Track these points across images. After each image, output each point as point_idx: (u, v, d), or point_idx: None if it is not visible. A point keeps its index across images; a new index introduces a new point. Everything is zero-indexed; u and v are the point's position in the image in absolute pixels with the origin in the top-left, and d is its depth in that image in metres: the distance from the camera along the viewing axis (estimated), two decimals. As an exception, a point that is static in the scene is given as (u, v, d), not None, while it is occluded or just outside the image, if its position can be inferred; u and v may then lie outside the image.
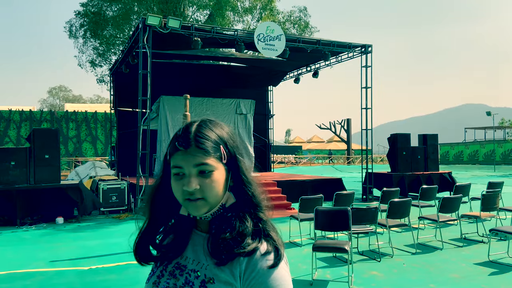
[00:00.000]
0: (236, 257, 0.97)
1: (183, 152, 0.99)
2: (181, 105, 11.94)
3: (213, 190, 0.99)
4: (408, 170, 13.24)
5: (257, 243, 0.99)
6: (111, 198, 10.40)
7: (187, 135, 1.00)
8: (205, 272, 1.00)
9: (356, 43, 13.13)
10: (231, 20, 25.24)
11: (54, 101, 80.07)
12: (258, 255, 0.97)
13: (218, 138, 1.02)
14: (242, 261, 0.97)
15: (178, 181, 1.00)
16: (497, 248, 6.16)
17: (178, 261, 1.06)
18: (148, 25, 10.01)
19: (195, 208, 0.99)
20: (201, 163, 0.98)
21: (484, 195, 6.70)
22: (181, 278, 1.02)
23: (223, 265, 0.98)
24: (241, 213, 1.03)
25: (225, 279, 0.97)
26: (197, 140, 0.99)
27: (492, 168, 32.44)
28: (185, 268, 1.04)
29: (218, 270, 0.99)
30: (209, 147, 0.99)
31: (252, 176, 1.08)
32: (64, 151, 27.93)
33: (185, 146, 0.99)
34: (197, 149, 0.98)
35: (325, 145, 57.45)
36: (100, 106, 37.79)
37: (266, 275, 0.95)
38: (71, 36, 24.47)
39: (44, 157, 9.05)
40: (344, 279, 4.92)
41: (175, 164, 1.00)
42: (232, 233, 0.99)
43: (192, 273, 1.02)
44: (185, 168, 0.98)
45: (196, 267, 1.02)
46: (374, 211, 5.52)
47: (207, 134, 1.01)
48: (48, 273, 5.34)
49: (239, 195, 1.04)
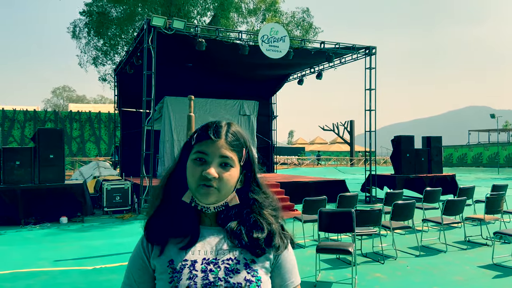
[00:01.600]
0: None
1: (212, 141, 1.08)
2: (185, 106, 11.96)
3: (228, 183, 1.08)
4: (412, 172, 13.21)
5: (285, 241, 1.16)
6: (115, 198, 10.43)
7: (219, 128, 1.10)
8: (243, 256, 1.09)
9: (360, 45, 13.13)
10: (235, 21, 25.28)
11: (58, 101, 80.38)
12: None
13: (243, 141, 1.13)
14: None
15: (197, 166, 1.08)
16: (501, 251, 6.13)
17: (203, 257, 1.08)
18: (152, 26, 10.05)
19: (207, 194, 1.06)
20: (226, 155, 1.08)
21: (488, 197, 6.67)
22: (219, 270, 1.06)
23: (258, 256, 1.10)
24: (262, 213, 1.14)
25: (264, 256, 1.11)
26: (227, 135, 1.10)
27: (496, 171, 32.30)
28: (217, 260, 1.08)
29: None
30: (236, 144, 1.10)
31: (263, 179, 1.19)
32: (67, 151, 28.04)
33: (216, 136, 1.08)
34: (226, 142, 1.09)
35: (328, 147, 57.39)
36: (104, 106, 37.93)
37: (290, 253, 1.18)
38: (73, 37, 24.53)
39: (49, 157, 9.08)
40: (347, 281, 4.91)
41: (201, 150, 1.08)
42: (263, 234, 1.11)
43: (231, 261, 1.08)
44: (210, 156, 1.07)
45: (231, 255, 1.09)
46: (378, 213, 5.51)
47: (237, 133, 1.13)
48: (52, 272, 5.36)
49: (249, 196, 1.14)
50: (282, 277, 1.14)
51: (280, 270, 1.14)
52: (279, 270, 1.14)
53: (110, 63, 24.69)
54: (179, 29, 10.26)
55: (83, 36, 24.51)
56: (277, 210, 1.18)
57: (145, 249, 1.13)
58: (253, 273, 1.07)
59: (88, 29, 23.95)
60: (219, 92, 15.87)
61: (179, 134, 14.99)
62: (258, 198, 1.15)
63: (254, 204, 1.14)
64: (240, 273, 1.06)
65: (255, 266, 1.08)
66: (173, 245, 1.10)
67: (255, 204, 1.14)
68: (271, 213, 1.16)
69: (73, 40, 24.80)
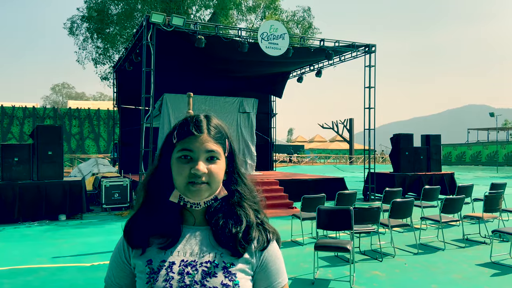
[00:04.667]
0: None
1: (195, 137, 1.05)
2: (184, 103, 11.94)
3: (217, 176, 1.06)
4: (411, 171, 13.22)
5: (265, 235, 1.12)
6: (114, 195, 10.43)
7: (199, 123, 1.08)
8: (222, 259, 1.06)
9: (360, 43, 13.11)
10: (235, 19, 25.22)
11: (57, 98, 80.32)
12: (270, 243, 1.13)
13: (225, 132, 1.11)
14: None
15: (184, 164, 1.05)
16: (499, 249, 6.14)
17: (182, 259, 1.05)
18: (152, 23, 10.02)
19: (198, 192, 1.04)
20: (211, 149, 1.06)
21: (487, 196, 6.68)
22: (196, 273, 1.03)
23: (241, 256, 1.07)
24: (243, 205, 1.11)
25: (243, 259, 1.08)
26: (209, 129, 1.08)
27: (494, 169, 32.35)
28: (195, 262, 1.05)
29: (233, 255, 1.07)
30: (219, 137, 1.08)
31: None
32: (66, 148, 28.01)
33: (198, 131, 1.06)
34: (209, 136, 1.07)
35: (327, 145, 57.39)
36: (103, 103, 37.86)
37: (275, 252, 1.14)
38: (70, 33, 24.41)
39: (48, 154, 9.07)
40: (345, 279, 4.92)
41: (186, 147, 1.05)
42: (241, 227, 1.08)
43: (209, 264, 1.05)
44: (196, 152, 1.05)
45: (210, 259, 1.06)
46: (376, 211, 5.51)
47: (218, 125, 1.10)
48: (51, 269, 5.36)
49: (232, 188, 1.12)
50: (267, 280, 1.10)
51: (265, 273, 1.10)
52: (264, 273, 1.10)
53: (110, 62, 24.62)
54: (179, 25, 10.23)
55: (80, 33, 24.41)
56: (257, 203, 1.15)
57: (125, 249, 1.12)
58: (231, 277, 1.04)
59: (87, 28, 23.87)
60: (218, 89, 15.84)
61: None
62: (240, 189, 1.12)
63: (235, 195, 1.11)
64: (217, 277, 1.03)
65: (234, 270, 1.05)
66: (154, 245, 1.08)
67: (236, 195, 1.11)
68: (252, 206, 1.13)
69: (70, 36, 24.69)
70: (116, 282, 1.14)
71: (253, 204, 1.13)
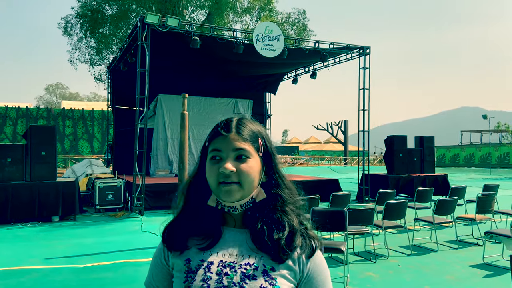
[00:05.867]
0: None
1: (223, 137, 1.05)
2: (179, 104, 11.93)
3: (248, 175, 1.03)
4: (404, 172, 13.28)
5: (309, 241, 1.07)
6: (107, 196, 10.38)
7: (229, 123, 1.08)
8: (263, 262, 1.03)
9: (354, 45, 13.16)
10: (230, 20, 25.23)
11: (51, 98, 79.84)
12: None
13: (257, 131, 1.09)
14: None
15: (214, 165, 1.04)
16: (491, 250, 6.19)
17: (220, 260, 1.04)
18: (146, 23, 10.00)
19: (229, 192, 1.02)
20: (239, 148, 1.04)
21: (479, 197, 6.73)
22: (235, 274, 1.01)
23: (282, 262, 1.03)
24: (285, 210, 1.07)
25: (285, 265, 1.03)
26: (238, 127, 1.07)
27: (487, 171, 32.58)
28: (234, 263, 1.03)
29: (274, 260, 1.03)
30: (248, 135, 1.06)
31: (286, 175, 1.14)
32: (60, 148, 27.84)
33: (226, 131, 1.05)
34: (237, 135, 1.05)
35: (322, 146, 57.52)
36: (97, 104, 37.68)
37: (323, 265, 1.09)
38: (65, 33, 24.28)
39: (41, 154, 9.01)
40: (339, 280, 4.93)
41: (214, 147, 1.05)
42: (284, 233, 1.04)
43: (248, 266, 1.02)
44: (224, 152, 1.04)
45: (250, 260, 1.03)
46: (370, 212, 5.53)
47: (247, 124, 1.09)
48: (43, 270, 5.32)
49: (272, 191, 1.08)
50: None
51: (310, 285, 1.05)
52: (309, 285, 1.05)
53: (104, 62, 24.52)
54: (173, 26, 10.22)
55: (75, 33, 24.28)
56: (300, 208, 1.11)
57: (164, 251, 1.12)
58: (271, 281, 0.99)
59: (81, 28, 23.75)
60: (213, 90, 15.84)
61: (172, 132, 14.96)
62: (282, 193, 1.08)
63: (277, 200, 1.07)
64: (257, 280, 0.99)
65: (275, 274, 1.01)
66: (193, 245, 1.07)
67: (278, 200, 1.07)
68: (294, 211, 1.09)
69: (64, 36, 24.56)
70: (155, 285, 1.14)
71: (296, 209, 1.10)
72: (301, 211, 1.12)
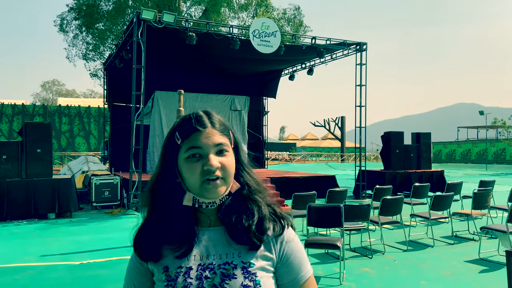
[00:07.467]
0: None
1: (200, 132, 1.01)
2: (175, 101, 11.88)
3: (230, 169, 1.02)
4: (401, 168, 13.30)
5: (278, 221, 1.08)
6: (104, 193, 10.35)
7: (200, 118, 1.04)
8: (240, 259, 1.02)
9: (351, 41, 13.13)
10: (226, 16, 25.15)
11: (47, 95, 79.49)
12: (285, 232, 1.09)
13: (225, 123, 1.08)
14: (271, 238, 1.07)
15: (195, 163, 1.00)
16: (487, 246, 6.21)
17: (199, 263, 1.02)
18: (142, 19, 9.94)
19: (215, 189, 0.99)
20: (220, 142, 1.01)
21: (475, 193, 6.75)
22: (215, 276, 1.00)
23: (256, 249, 1.03)
24: (253, 198, 1.07)
25: (262, 255, 1.04)
26: (212, 122, 1.04)
27: (484, 167, 32.71)
28: (213, 265, 1.01)
29: (251, 252, 1.03)
30: (224, 129, 1.05)
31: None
32: (56, 145, 27.74)
33: (201, 126, 1.01)
34: (214, 129, 1.02)
35: (319, 143, 57.55)
36: (94, 100, 37.56)
37: (295, 243, 1.09)
38: (61, 30, 24.15)
39: (36, 151, 8.97)
40: (336, 275, 4.93)
41: (192, 145, 1.00)
42: (253, 219, 1.04)
43: (227, 266, 1.01)
44: (204, 148, 1.00)
45: (228, 259, 1.02)
46: (367, 208, 5.54)
47: (216, 116, 1.06)
48: (39, 267, 5.30)
49: (242, 181, 1.07)
50: (290, 274, 1.06)
51: (287, 267, 1.06)
52: (286, 267, 1.06)
53: (100, 58, 24.41)
54: (170, 22, 10.16)
55: (70, 30, 24.15)
56: (264, 192, 1.10)
57: (138, 259, 1.08)
58: (251, 277, 0.99)
59: (77, 24, 23.62)
60: (210, 87, 15.78)
61: (169, 129, 14.91)
62: (249, 182, 1.08)
63: (245, 189, 1.07)
64: (236, 278, 0.98)
65: (254, 269, 1.00)
66: (168, 251, 1.03)
67: (246, 189, 1.07)
68: (262, 197, 1.08)
69: (60, 33, 24.44)
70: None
71: (263, 196, 1.09)
72: (268, 197, 1.11)
